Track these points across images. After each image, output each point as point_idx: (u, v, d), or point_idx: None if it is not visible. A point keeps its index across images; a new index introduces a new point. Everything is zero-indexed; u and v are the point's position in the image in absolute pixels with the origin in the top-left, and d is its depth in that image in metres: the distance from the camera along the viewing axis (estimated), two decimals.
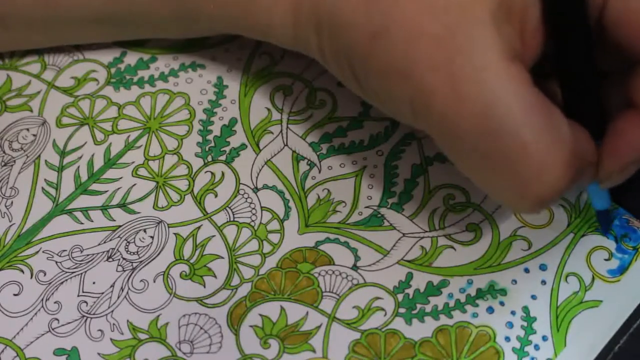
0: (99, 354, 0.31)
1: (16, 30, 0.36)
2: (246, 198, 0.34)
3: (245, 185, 0.35)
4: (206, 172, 0.35)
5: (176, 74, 0.37)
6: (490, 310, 0.31)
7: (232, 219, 0.34)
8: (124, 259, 0.33)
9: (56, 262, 0.33)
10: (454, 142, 0.26)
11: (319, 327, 0.31)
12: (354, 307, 0.32)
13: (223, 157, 0.35)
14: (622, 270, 0.32)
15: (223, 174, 0.35)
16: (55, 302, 0.32)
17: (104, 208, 0.34)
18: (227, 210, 0.34)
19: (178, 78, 0.37)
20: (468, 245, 0.33)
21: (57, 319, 0.32)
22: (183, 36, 0.37)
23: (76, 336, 0.32)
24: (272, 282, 0.32)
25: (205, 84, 0.37)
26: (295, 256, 0.33)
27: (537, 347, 0.31)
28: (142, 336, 0.32)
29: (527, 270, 0.32)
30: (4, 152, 0.36)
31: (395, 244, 0.33)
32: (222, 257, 0.33)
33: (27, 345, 0.31)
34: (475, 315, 0.31)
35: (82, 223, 0.34)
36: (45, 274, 0.33)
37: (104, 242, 0.33)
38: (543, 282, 0.32)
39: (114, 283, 0.33)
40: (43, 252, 0.33)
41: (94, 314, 0.32)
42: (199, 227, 0.34)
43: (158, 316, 0.32)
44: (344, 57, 0.28)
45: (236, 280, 0.32)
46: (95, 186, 0.35)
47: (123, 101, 0.37)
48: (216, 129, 0.36)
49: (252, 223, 0.34)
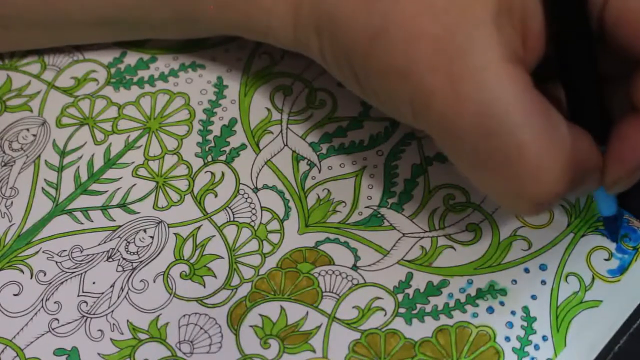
0: (99, 354, 0.31)
1: (16, 31, 0.36)
2: (246, 198, 0.34)
3: (245, 185, 0.35)
4: (206, 172, 0.35)
5: (176, 74, 0.37)
6: (490, 310, 0.31)
7: (232, 219, 0.34)
8: (124, 259, 0.33)
9: (56, 262, 0.33)
10: (454, 142, 0.26)
11: (319, 327, 0.31)
12: (354, 307, 0.32)
13: (223, 157, 0.35)
14: (622, 270, 0.32)
15: (223, 174, 0.35)
16: (55, 302, 0.32)
17: (104, 208, 0.34)
18: (227, 210, 0.34)
19: (178, 78, 0.37)
20: (468, 245, 0.33)
21: (57, 319, 0.32)
22: (183, 37, 0.37)
23: (76, 336, 0.32)
24: (272, 282, 0.32)
25: (205, 84, 0.37)
26: (295, 256, 0.33)
27: (537, 347, 0.31)
28: (142, 336, 0.32)
29: (527, 270, 0.32)
30: (4, 152, 0.36)
31: (395, 244, 0.33)
32: (222, 257, 0.33)
33: (27, 345, 0.31)
34: (475, 315, 0.31)
35: (82, 223, 0.34)
36: (45, 274, 0.33)
37: (104, 242, 0.33)
38: (543, 282, 0.32)
39: (114, 283, 0.33)
40: (43, 252, 0.33)
41: (94, 314, 0.32)
42: (199, 227, 0.34)
43: (158, 316, 0.32)
44: (344, 58, 0.28)
45: (236, 280, 0.32)
46: (95, 186, 0.35)
47: (123, 101, 0.37)
48: (216, 129, 0.36)
49: (252, 223, 0.34)
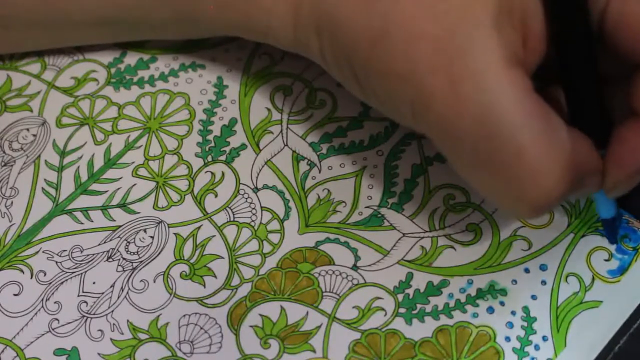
0: (99, 354, 0.31)
1: (16, 31, 0.36)
2: (246, 198, 0.34)
3: (245, 185, 0.35)
4: (206, 172, 0.35)
5: (176, 74, 0.37)
6: (490, 310, 0.31)
7: (232, 219, 0.34)
8: (124, 259, 0.33)
9: (56, 262, 0.33)
10: (453, 144, 0.26)
11: (319, 327, 0.31)
12: (354, 307, 0.32)
13: (223, 157, 0.35)
14: (622, 270, 0.32)
15: (223, 174, 0.35)
16: (55, 302, 0.32)
17: (104, 208, 0.34)
18: (227, 210, 0.34)
19: (178, 78, 0.37)
20: (468, 245, 0.33)
21: (57, 319, 0.32)
22: (183, 37, 0.37)
23: (76, 336, 0.32)
24: (272, 282, 0.32)
25: (205, 84, 0.37)
26: (295, 256, 0.33)
27: (537, 347, 0.31)
28: (142, 336, 0.32)
29: (527, 270, 0.32)
30: (4, 152, 0.36)
31: (395, 244, 0.33)
32: (222, 257, 0.33)
33: (27, 345, 0.32)
34: (475, 315, 0.31)
35: (82, 223, 0.34)
36: (45, 274, 0.33)
37: (104, 242, 0.33)
38: (543, 282, 0.32)
39: (114, 283, 0.33)
40: (43, 252, 0.33)
41: (94, 314, 0.32)
42: (199, 227, 0.34)
43: (158, 316, 0.32)
44: (345, 59, 0.28)
45: (236, 280, 0.32)
46: (95, 186, 0.35)
47: (123, 101, 0.37)
48: (216, 129, 0.36)
49: (252, 223, 0.34)
